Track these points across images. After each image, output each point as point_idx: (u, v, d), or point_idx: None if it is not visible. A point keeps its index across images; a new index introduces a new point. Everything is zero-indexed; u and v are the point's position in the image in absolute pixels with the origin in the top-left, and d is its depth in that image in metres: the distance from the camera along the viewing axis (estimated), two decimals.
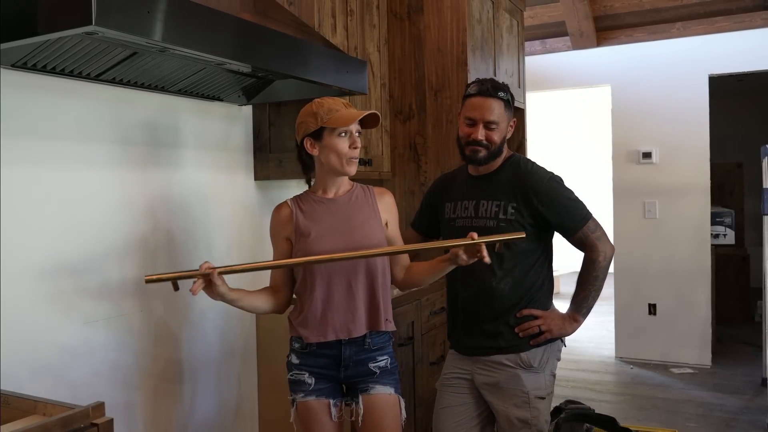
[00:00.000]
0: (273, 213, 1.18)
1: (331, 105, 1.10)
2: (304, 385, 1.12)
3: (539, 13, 3.04)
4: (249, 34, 1.15)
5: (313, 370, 1.12)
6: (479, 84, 1.26)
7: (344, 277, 1.10)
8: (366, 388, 1.13)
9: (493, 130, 1.23)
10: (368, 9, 1.88)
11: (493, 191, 1.25)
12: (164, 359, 1.44)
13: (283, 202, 1.18)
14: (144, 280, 1.04)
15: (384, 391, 1.12)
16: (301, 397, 1.13)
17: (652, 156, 3.02)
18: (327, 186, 1.16)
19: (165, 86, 1.35)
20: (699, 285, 2.94)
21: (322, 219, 1.12)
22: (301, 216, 1.13)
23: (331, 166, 1.11)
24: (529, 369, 1.22)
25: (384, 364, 1.14)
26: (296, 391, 1.14)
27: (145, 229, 1.39)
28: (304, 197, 1.17)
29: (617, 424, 1.93)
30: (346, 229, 1.11)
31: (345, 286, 1.11)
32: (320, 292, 1.10)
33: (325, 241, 1.10)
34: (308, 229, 1.11)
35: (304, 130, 1.12)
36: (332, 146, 1.10)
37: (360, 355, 1.12)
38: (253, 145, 1.73)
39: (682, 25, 2.93)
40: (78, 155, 1.25)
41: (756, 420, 2.26)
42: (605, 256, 1.21)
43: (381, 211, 1.16)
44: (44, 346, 1.17)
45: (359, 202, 1.15)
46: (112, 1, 0.85)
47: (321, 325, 1.10)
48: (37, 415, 0.89)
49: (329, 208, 1.14)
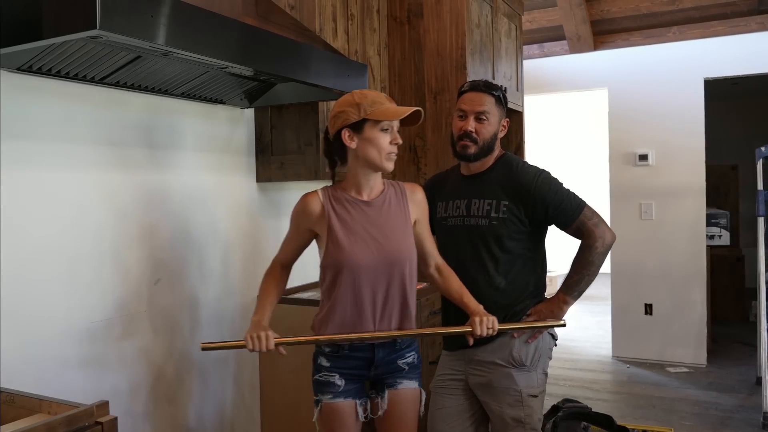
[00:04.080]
0: (302, 201, 1.12)
1: (375, 97, 1.06)
2: (334, 387, 1.10)
3: (537, 18, 3.06)
4: (251, 38, 1.16)
5: (343, 371, 1.11)
6: (472, 81, 1.29)
7: (377, 283, 1.08)
8: (393, 383, 1.12)
9: (483, 123, 1.23)
10: (369, 13, 1.90)
11: (484, 190, 1.25)
12: (167, 358, 1.45)
13: (313, 192, 1.12)
14: (200, 347, 1.06)
15: (409, 386, 1.13)
16: (329, 399, 1.10)
17: (649, 158, 3.04)
18: (360, 184, 1.10)
19: (168, 89, 1.37)
20: (695, 285, 2.96)
21: (355, 226, 1.08)
22: (334, 217, 1.08)
23: (369, 160, 1.07)
24: (521, 367, 1.22)
25: (411, 359, 1.14)
26: (324, 392, 1.11)
27: (148, 230, 1.40)
28: (336, 195, 1.11)
29: (614, 422, 1.95)
30: (379, 238, 1.08)
31: (377, 292, 1.08)
32: (352, 298, 1.08)
33: (357, 252, 1.06)
34: (342, 237, 1.07)
35: (344, 120, 1.06)
36: (373, 140, 1.05)
37: (391, 355, 1.12)
38: (255, 147, 1.74)
39: (678, 29, 2.96)
40: (81, 157, 1.26)
41: (751, 418, 2.28)
42: (603, 242, 1.20)
43: (411, 212, 1.13)
44: (48, 346, 1.18)
45: (392, 205, 1.12)
46: (116, 6, 0.86)
47: (354, 332, 1.08)
48: (42, 413, 0.90)
49: (363, 212, 1.09)
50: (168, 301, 1.46)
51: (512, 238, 1.23)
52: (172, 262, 1.46)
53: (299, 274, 1.88)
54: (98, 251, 1.28)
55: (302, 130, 1.67)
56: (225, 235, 1.64)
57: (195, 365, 1.53)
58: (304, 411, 1.68)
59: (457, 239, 1.27)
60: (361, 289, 1.07)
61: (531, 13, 3.02)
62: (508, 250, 1.23)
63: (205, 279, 1.57)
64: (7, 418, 0.91)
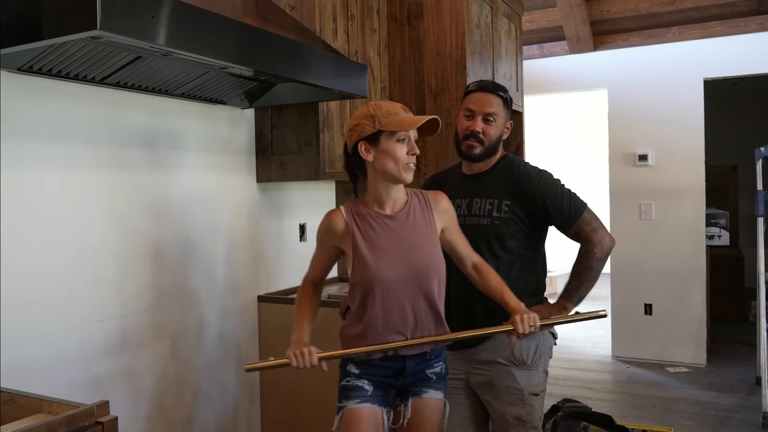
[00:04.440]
0: (326, 220, 1.11)
1: (389, 108, 1.05)
2: (361, 391, 1.08)
3: (537, 18, 3.06)
4: (251, 39, 1.16)
5: (372, 378, 1.09)
6: (479, 81, 1.30)
7: (407, 298, 1.06)
8: (418, 392, 1.11)
9: (490, 124, 1.24)
10: (369, 14, 1.90)
11: (486, 189, 1.26)
12: (167, 359, 1.45)
13: (336, 210, 1.11)
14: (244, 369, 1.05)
15: (435, 396, 1.12)
16: (356, 403, 1.08)
17: (648, 158, 3.04)
18: (382, 198, 1.09)
19: (168, 90, 1.37)
20: (694, 285, 2.97)
21: (380, 241, 1.06)
22: (359, 234, 1.07)
23: (387, 172, 1.06)
24: (522, 366, 1.23)
25: (439, 369, 1.13)
26: (350, 397, 1.09)
27: (149, 229, 1.40)
28: (359, 210, 1.09)
29: (614, 422, 1.95)
30: (405, 252, 1.06)
31: (408, 306, 1.06)
32: (383, 315, 1.06)
33: (384, 269, 1.05)
34: (367, 254, 1.06)
35: (359, 133, 1.05)
36: (389, 151, 1.04)
37: (420, 365, 1.11)
38: (255, 147, 1.74)
39: (677, 29, 2.96)
40: (82, 157, 1.26)
41: (750, 418, 2.28)
42: (602, 248, 1.21)
43: (437, 221, 1.11)
44: (49, 346, 1.19)
45: (417, 216, 1.10)
46: (117, 6, 0.87)
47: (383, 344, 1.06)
48: (43, 413, 0.91)
49: (388, 227, 1.08)
50: (169, 302, 1.46)
51: (513, 238, 1.23)
52: (172, 262, 1.47)
53: (301, 274, 1.88)
54: (99, 251, 1.28)
55: (302, 130, 1.67)
56: (225, 235, 1.64)
57: (196, 367, 1.53)
58: (304, 414, 1.68)
59: None
60: (392, 305, 1.06)
61: (531, 13, 3.02)
62: (509, 250, 1.23)
63: (205, 279, 1.57)
64: (8, 417, 0.91)
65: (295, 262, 1.88)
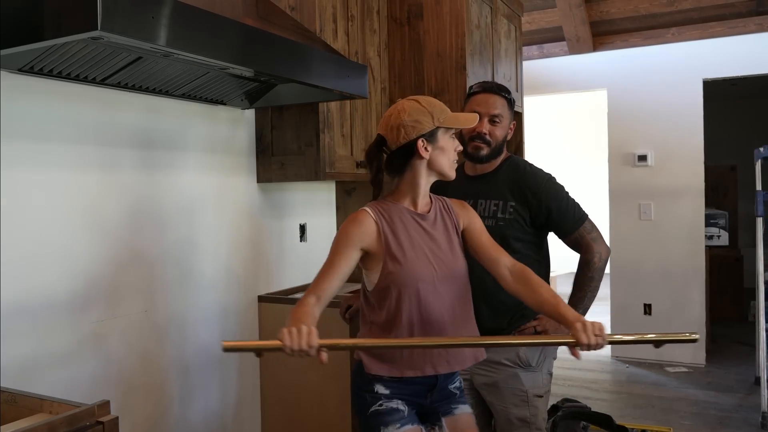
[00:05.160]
0: (353, 220, 1.02)
1: (441, 104, 1.03)
2: (399, 413, 1.01)
3: (537, 19, 3.07)
4: (252, 39, 1.16)
5: (404, 396, 1.02)
6: (483, 83, 1.30)
7: (442, 300, 1.00)
8: (449, 411, 1.06)
9: (496, 125, 1.25)
10: (369, 14, 1.90)
11: (491, 190, 1.26)
12: (167, 359, 1.45)
13: (362, 210, 1.03)
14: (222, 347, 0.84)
15: (465, 410, 1.08)
16: (397, 428, 0.99)
17: (648, 159, 3.05)
18: (417, 195, 1.04)
19: (169, 90, 1.37)
20: (693, 285, 2.97)
21: (414, 240, 1.01)
22: (390, 233, 1.00)
23: (439, 168, 1.03)
24: (527, 368, 1.23)
25: (459, 384, 1.10)
26: (388, 423, 1.00)
27: (149, 229, 1.40)
28: (386, 208, 1.03)
29: (613, 422, 1.95)
30: (438, 252, 1.03)
31: (444, 308, 1.00)
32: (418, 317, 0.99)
33: (416, 267, 0.99)
34: (401, 253, 1.00)
35: (419, 131, 1.00)
36: (445, 148, 1.02)
37: (447, 380, 1.06)
38: (255, 148, 1.74)
39: (676, 30, 2.97)
40: (82, 158, 1.26)
41: (749, 418, 2.29)
42: (600, 257, 1.23)
43: (460, 222, 1.08)
44: (49, 346, 1.19)
45: (443, 218, 1.07)
46: (117, 7, 0.87)
47: (421, 360, 1.00)
48: (44, 413, 0.90)
49: (419, 226, 1.03)
50: (169, 302, 1.46)
51: (518, 239, 1.24)
52: (172, 263, 1.47)
53: (301, 274, 1.89)
54: (100, 251, 1.29)
55: (303, 130, 1.67)
56: (226, 235, 1.64)
57: (196, 365, 1.53)
58: (304, 412, 1.68)
59: None
60: (428, 307, 1.00)
61: (530, 14, 3.03)
62: (514, 250, 1.23)
63: (205, 279, 1.57)
64: (9, 417, 0.91)
65: (295, 262, 1.88)
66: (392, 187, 1.07)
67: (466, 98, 1.32)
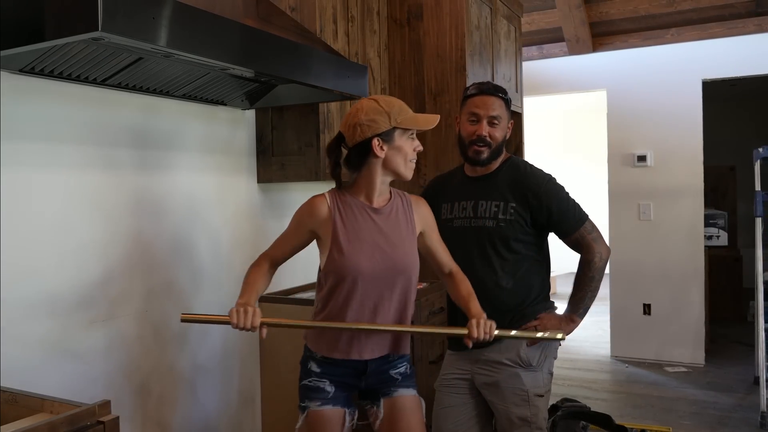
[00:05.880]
0: (309, 202, 1.09)
1: (398, 104, 1.06)
2: (323, 393, 1.08)
3: (536, 20, 3.07)
4: (252, 40, 1.16)
5: (334, 378, 1.09)
6: (479, 84, 1.29)
7: (378, 292, 1.05)
8: (388, 392, 1.11)
9: (495, 127, 1.25)
10: (369, 15, 1.90)
11: (492, 192, 1.26)
12: (168, 359, 1.45)
13: (321, 195, 1.09)
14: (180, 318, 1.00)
15: (406, 393, 1.11)
16: (317, 405, 1.07)
17: (647, 159, 3.05)
18: (372, 192, 1.08)
19: (169, 91, 1.37)
20: (693, 285, 2.97)
21: (362, 232, 1.05)
22: (340, 222, 1.06)
23: (394, 168, 1.06)
24: (528, 368, 1.23)
25: (404, 369, 1.13)
26: (312, 399, 1.08)
27: (150, 230, 1.41)
28: (344, 199, 1.08)
29: (613, 421, 1.96)
30: (384, 247, 1.06)
31: (378, 301, 1.06)
32: (351, 302, 1.05)
33: (361, 260, 1.04)
34: (346, 243, 1.04)
35: (374, 130, 1.03)
36: (402, 148, 1.05)
37: (382, 366, 1.11)
38: (255, 148, 1.75)
39: (676, 30, 2.97)
40: (83, 158, 1.26)
41: (748, 417, 2.29)
42: (601, 257, 1.23)
43: (416, 223, 1.12)
44: (50, 345, 1.19)
45: (398, 214, 1.10)
46: (118, 8, 0.87)
47: (347, 345, 1.06)
48: (44, 413, 0.90)
49: (371, 219, 1.07)
50: (169, 302, 1.46)
51: (519, 240, 1.24)
52: (173, 263, 1.47)
53: (300, 274, 1.89)
54: (100, 251, 1.29)
55: (303, 131, 1.68)
56: (226, 235, 1.64)
57: (196, 365, 1.54)
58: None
59: (464, 240, 1.27)
60: (361, 297, 1.05)
61: (530, 14, 3.03)
62: (515, 251, 1.24)
63: (206, 279, 1.57)
64: (10, 417, 0.91)
65: (295, 262, 1.88)
66: (350, 181, 1.11)
67: (462, 100, 1.31)
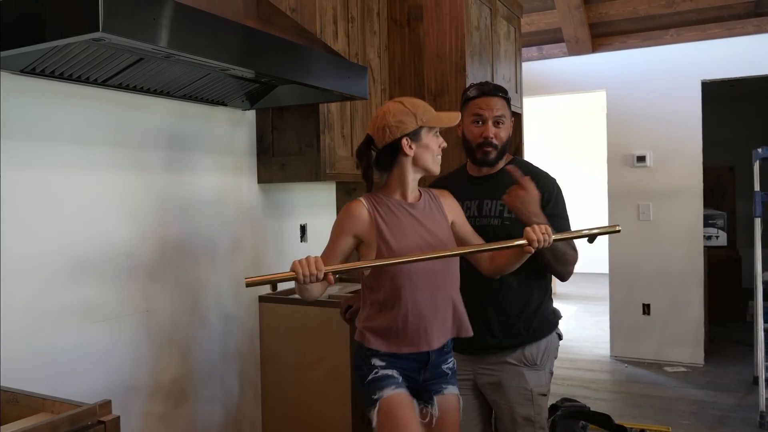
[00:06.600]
0: (347, 208, 1.12)
1: (424, 105, 1.12)
2: (393, 379, 1.08)
3: (536, 20, 3.08)
4: (252, 41, 1.17)
5: (399, 370, 1.10)
6: (480, 85, 1.29)
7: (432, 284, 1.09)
8: (440, 390, 1.12)
9: (500, 127, 1.26)
10: (369, 16, 1.91)
11: (497, 191, 1.26)
12: (169, 358, 1.45)
13: (357, 200, 1.12)
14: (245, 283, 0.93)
15: (453, 391, 1.14)
16: (392, 390, 1.06)
17: (647, 159, 3.06)
18: (406, 189, 1.13)
19: (170, 91, 1.38)
20: (692, 285, 2.98)
21: (405, 227, 1.10)
22: (381, 222, 1.09)
23: (423, 164, 1.12)
24: (531, 367, 1.24)
25: (452, 364, 1.16)
26: (383, 387, 1.07)
27: (151, 230, 1.41)
28: (380, 200, 1.12)
29: (612, 421, 1.96)
30: (429, 239, 1.10)
31: (434, 292, 1.09)
32: (408, 304, 1.07)
33: (407, 250, 1.07)
34: (392, 240, 1.08)
35: (403, 130, 1.09)
36: (429, 145, 1.11)
37: (440, 358, 1.13)
38: (256, 148, 1.75)
39: (675, 31, 2.98)
40: (84, 159, 1.27)
41: (747, 417, 2.29)
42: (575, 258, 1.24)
43: (447, 213, 1.17)
44: (51, 345, 1.19)
45: (432, 207, 1.15)
46: (119, 8, 0.87)
47: (414, 337, 1.08)
48: (45, 412, 0.91)
49: (410, 214, 1.12)
50: (170, 302, 1.46)
51: None
52: (173, 263, 1.47)
53: None
54: (101, 252, 1.29)
55: (303, 131, 1.68)
56: (226, 235, 1.64)
57: (197, 367, 1.54)
58: (305, 412, 1.69)
59: None
60: (419, 291, 1.08)
61: (530, 15, 3.04)
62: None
63: (206, 279, 1.57)
64: (10, 417, 0.91)
65: None
66: (382, 182, 1.15)
67: (462, 102, 1.31)
